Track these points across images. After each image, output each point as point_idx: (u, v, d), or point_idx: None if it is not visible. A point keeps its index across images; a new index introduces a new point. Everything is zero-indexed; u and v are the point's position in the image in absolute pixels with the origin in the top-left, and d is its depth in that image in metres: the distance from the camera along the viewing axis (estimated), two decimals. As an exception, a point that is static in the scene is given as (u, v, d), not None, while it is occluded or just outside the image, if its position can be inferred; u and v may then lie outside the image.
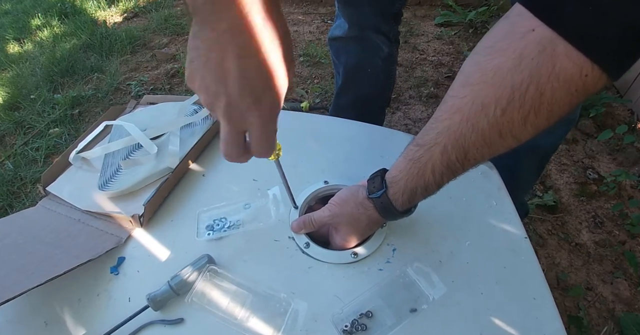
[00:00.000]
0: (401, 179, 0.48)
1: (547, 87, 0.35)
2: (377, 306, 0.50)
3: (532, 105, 0.36)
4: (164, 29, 2.34)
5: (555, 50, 0.33)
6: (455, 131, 0.41)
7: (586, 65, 0.33)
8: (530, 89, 0.35)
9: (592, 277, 1.13)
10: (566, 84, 0.34)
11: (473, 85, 0.39)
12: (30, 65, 2.13)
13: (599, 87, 0.34)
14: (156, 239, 0.60)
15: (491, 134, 0.39)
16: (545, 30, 0.33)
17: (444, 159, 0.43)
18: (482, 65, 0.38)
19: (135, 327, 0.49)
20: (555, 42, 0.33)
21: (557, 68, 0.33)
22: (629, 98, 1.59)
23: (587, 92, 0.34)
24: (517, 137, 0.39)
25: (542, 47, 0.34)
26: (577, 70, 0.33)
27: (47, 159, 1.60)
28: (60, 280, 0.50)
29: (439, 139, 0.43)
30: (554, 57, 0.33)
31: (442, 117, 0.42)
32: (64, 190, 0.67)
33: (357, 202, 0.52)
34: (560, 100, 0.35)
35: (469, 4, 2.20)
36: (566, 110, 0.36)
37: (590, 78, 0.33)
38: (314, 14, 2.37)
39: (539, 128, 0.38)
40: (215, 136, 0.75)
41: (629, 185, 1.35)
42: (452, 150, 0.42)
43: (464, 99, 0.40)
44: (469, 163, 0.43)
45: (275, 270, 0.55)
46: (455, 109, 0.41)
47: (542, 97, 0.35)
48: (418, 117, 1.65)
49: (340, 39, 1.03)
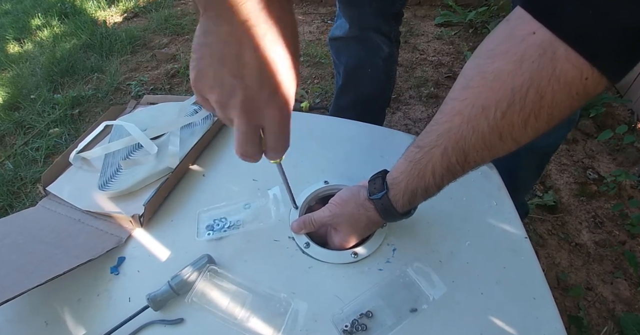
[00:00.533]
0: (402, 181, 0.48)
1: (547, 90, 0.34)
2: (377, 306, 0.50)
3: (532, 109, 0.36)
4: (164, 29, 2.34)
5: (556, 53, 0.33)
6: (455, 133, 0.41)
7: (586, 68, 0.33)
8: (530, 92, 0.35)
9: (592, 277, 1.13)
10: (567, 86, 0.34)
11: (474, 88, 0.39)
12: (30, 65, 2.13)
13: (599, 90, 0.34)
14: (156, 239, 0.60)
15: (491, 137, 0.39)
16: (545, 33, 0.33)
17: (444, 161, 0.43)
18: (482, 68, 0.38)
19: (135, 327, 0.49)
20: (555, 45, 0.33)
21: (558, 71, 0.33)
22: (629, 98, 1.59)
23: (587, 95, 0.34)
24: (517, 140, 0.39)
25: (543, 50, 0.34)
26: (578, 73, 0.33)
27: (47, 159, 1.60)
28: (60, 280, 0.50)
29: (440, 140, 0.43)
30: (554, 60, 0.33)
31: (443, 119, 0.42)
32: (64, 190, 0.67)
33: (358, 202, 0.52)
34: (560, 103, 0.35)
35: (469, 4, 2.20)
36: (567, 114, 0.36)
37: (590, 81, 0.33)
38: (314, 14, 2.37)
39: (539, 131, 0.38)
40: (215, 136, 0.75)
41: (629, 185, 1.35)
42: (452, 152, 0.42)
43: (464, 101, 0.40)
44: (469, 165, 0.43)
45: (275, 270, 0.55)
46: (455, 112, 0.41)
47: (542, 100, 0.35)
48: (418, 117, 1.65)
49: (340, 39, 1.03)
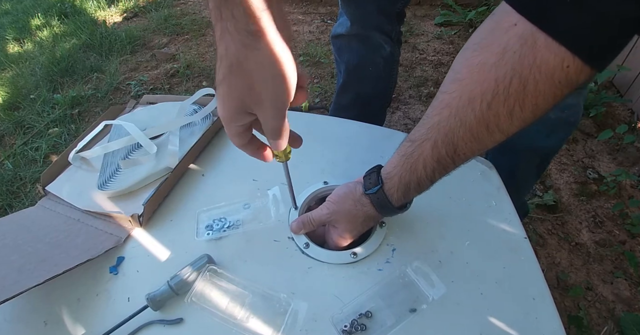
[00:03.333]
0: (395, 175, 0.48)
1: (529, 79, 0.35)
2: (377, 306, 0.49)
3: (516, 98, 0.36)
4: (164, 29, 2.34)
5: (536, 43, 0.34)
6: (444, 126, 0.42)
7: (567, 56, 0.33)
8: (513, 81, 0.36)
9: (592, 277, 1.13)
10: (549, 75, 0.34)
11: (461, 81, 0.40)
12: (30, 65, 2.13)
13: (583, 78, 0.35)
14: (156, 238, 0.59)
15: (479, 128, 0.40)
16: (526, 24, 0.34)
17: (434, 154, 0.43)
18: (469, 60, 0.39)
19: (134, 327, 0.49)
20: (535, 35, 0.34)
21: (539, 60, 0.34)
22: (629, 98, 1.59)
23: (570, 83, 0.35)
24: (505, 131, 0.39)
25: (524, 40, 0.34)
26: (559, 61, 0.33)
27: (46, 159, 1.60)
28: (60, 280, 0.50)
29: (430, 134, 0.43)
30: (534, 49, 0.34)
31: (433, 113, 0.43)
32: (63, 189, 0.67)
33: (354, 198, 0.52)
34: (544, 92, 0.35)
35: (469, 3, 2.20)
36: (551, 103, 0.37)
37: (572, 69, 0.34)
38: (314, 14, 2.36)
39: (526, 121, 0.38)
40: (215, 136, 0.75)
41: (629, 185, 1.35)
42: (442, 145, 0.42)
43: (452, 94, 0.41)
44: (459, 158, 0.43)
45: (275, 271, 0.55)
46: (444, 105, 0.41)
47: (525, 89, 0.36)
48: (418, 117, 1.65)
49: (342, 37, 1.03)
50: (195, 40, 2.22)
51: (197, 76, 1.96)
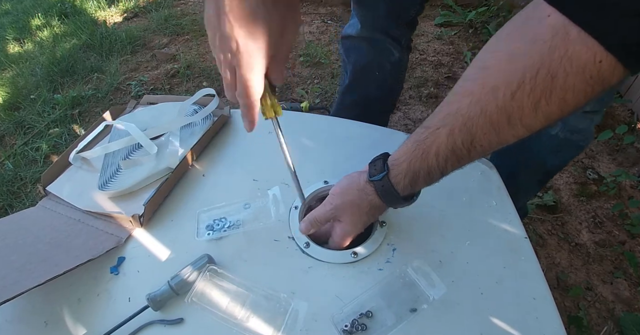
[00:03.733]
0: (404, 161, 0.46)
1: (559, 72, 0.33)
2: (377, 306, 0.50)
3: (543, 90, 0.35)
4: (164, 29, 2.34)
5: (569, 35, 0.32)
6: (463, 114, 0.40)
7: (600, 50, 0.32)
8: (541, 72, 0.34)
9: (592, 277, 1.13)
10: (579, 69, 0.33)
11: (486, 69, 0.38)
12: (30, 65, 2.13)
13: (617, 77, 0.33)
14: (156, 238, 0.60)
15: (500, 119, 0.38)
16: (559, 16, 0.33)
17: (449, 142, 0.42)
18: (497, 49, 0.38)
19: (135, 327, 0.49)
20: (568, 28, 0.32)
21: (570, 52, 0.33)
22: (629, 98, 1.59)
23: (603, 80, 0.33)
24: (527, 125, 0.38)
25: (556, 31, 0.33)
26: (591, 55, 0.32)
27: (47, 159, 1.60)
28: (60, 280, 0.50)
29: (447, 120, 0.41)
30: (566, 41, 0.33)
31: (452, 99, 0.41)
32: (63, 190, 0.67)
33: (358, 188, 0.51)
34: (573, 86, 0.34)
35: (469, 4, 2.20)
36: (582, 101, 0.35)
37: (605, 65, 0.32)
38: (314, 14, 2.36)
39: (551, 117, 0.37)
40: (215, 136, 0.75)
41: (629, 185, 1.35)
42: (458, 133, 0.41)
43: (475, 81, 0.39)
44: (475, 150, 0.41)
45: (275, 270, 0.55)
46: (466, 92, 0.40)
47: (553, 81, 0.34)
48: (418, 117, 1.65)
49: (352, 38, 1.03)
50: (195, 41, 2.22)
51: (198, 76, 1.96)
